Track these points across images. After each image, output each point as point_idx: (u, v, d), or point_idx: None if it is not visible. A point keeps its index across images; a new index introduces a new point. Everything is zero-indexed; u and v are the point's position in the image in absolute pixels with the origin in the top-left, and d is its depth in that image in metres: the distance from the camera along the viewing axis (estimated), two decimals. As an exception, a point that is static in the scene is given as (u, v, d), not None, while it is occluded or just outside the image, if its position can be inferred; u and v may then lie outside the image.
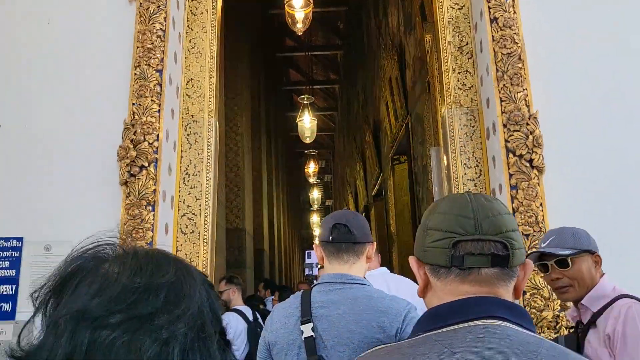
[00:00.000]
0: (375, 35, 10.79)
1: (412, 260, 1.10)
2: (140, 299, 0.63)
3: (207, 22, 3.79)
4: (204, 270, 3.37)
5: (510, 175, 3.17)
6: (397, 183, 9.19)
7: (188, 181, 3.54)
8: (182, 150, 3.58)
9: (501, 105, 3.26)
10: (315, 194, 23.23)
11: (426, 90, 6.32)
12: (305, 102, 11.08)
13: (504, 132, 3.22)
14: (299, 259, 28.68)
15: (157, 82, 3.31)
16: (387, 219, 10.09)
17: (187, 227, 3.48)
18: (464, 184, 3.50)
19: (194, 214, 3.50)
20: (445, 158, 3.75)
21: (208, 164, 3.57)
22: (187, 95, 3.68)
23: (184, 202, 3.51)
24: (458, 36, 3.71)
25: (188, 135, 3.61)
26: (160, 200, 3.20)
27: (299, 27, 5.93)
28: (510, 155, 3.18)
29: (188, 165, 3.56)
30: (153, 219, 3.13)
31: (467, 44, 3.70)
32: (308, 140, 11.49)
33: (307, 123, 10.89)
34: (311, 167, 17.19)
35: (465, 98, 3.63)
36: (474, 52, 3.67)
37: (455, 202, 1.05)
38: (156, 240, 3.09)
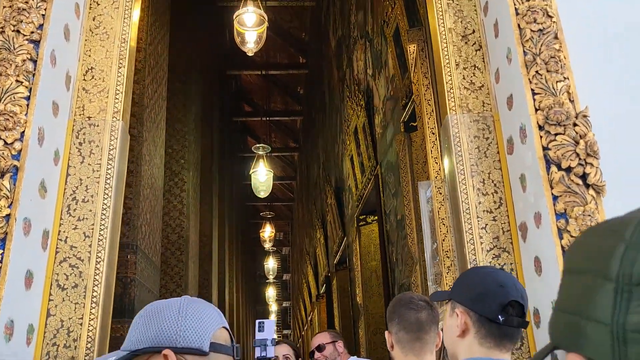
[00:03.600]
0: (338, 89, 10.01)
1: None
2: None
3: (119, -7, 2.74)
4: (89, 347, 2.14)
5: (555, 199, 2.13)
6: (364, 247, 8.09)
7: (75, 210, 2.37)
8: (69, 166, 2.43)
9: (534, 99, 2.27)
10: (272, 264, 21.70)
11: (401, 130, 5.38)
12: (260, 153, 10.01)
13: (542, 137, 2.21)
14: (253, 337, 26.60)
15: (28, 56, 2.20)
16: (352, 288, 8.90)
17: (67, 279, 2.28)
18: (478, 217, 2.44)
19: (79, 259, 2.31)
20: (448, 184, 2.71)
21: (107, 187, 2.42)
22: (83, 89, 2.57)
23: (65, 241, 2.32)
24: (461, 22, 2.76)
25: (81, 144, 2.47)
26: (17, 232, 2.01)
27: (250, 48, 4.98)
28: (553, 169, 2.15)
29: (77, 188, 2.40)
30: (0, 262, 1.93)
31: (473, 32, 2.75)
32: (262, 195, 10.33)
33: (261, 176, 9.77)
34: (267, 231, 15.86)
35: (475, 101, 2.64)
36: (483, 41, 2.72)
37: None
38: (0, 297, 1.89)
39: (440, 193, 3.40)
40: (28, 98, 2.15)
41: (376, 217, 7.57)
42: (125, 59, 2.64)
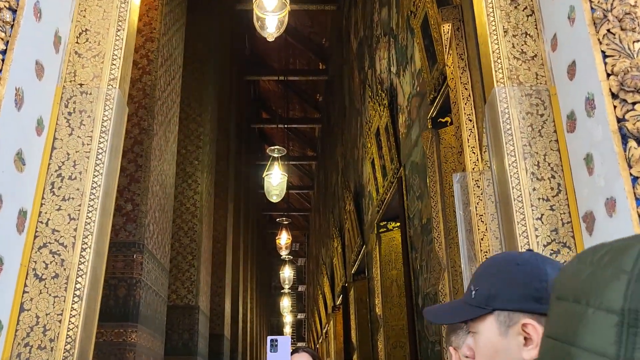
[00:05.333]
0: (360, 92, 9.67)
1: None
2: None
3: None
4: (68, 349, 1.79)
5: (635, 180, 1.74)
6: (384, 255, 7.69)
7: (60, 189, 2.03)
8: (55, 138, 2.09)
9: (605, 63, 1.89)
10: (287, 272, 21.23)
11: (428, 126, 5.01)
12: (275, 155, 9.63)
13: (616, 107, 1.82)
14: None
15: (6, 4, 1.88)
16: (371, 299, 8.49)
17: (46, 268, 1.93)
18: (533, 206, 2.06)
19: (62, 245, 1.96)
20: (494, 169, 2.32)
21: (99, 163, 2.08)
22: (75, 53, 2.24)
23: (46, 224, 1.98)
24: (510, -16, 2.40)
25: (70, 113, 2.14)
26: (-16, 207, 1.68)
27: (270, 33, 4.64)
28: (632, 144, 1.77)
29: (63, 163, 2.07)
30: (-41, 241, 1.59)
31: (524, -5, 2.38)
32: (275, 199, 9.92)
33: (275, 179, 9.37)
34: (283, 238, 15.44)
35: (527, 73, 2.26)
36: (535, 6, 2.35)
37: None
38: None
39: (479, 186, 3.01)
40: (4, 52, 1.82)
41: (398, 224, 7.19)
42: (125, 22, 2.31)
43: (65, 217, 2.00)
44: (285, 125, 17.21)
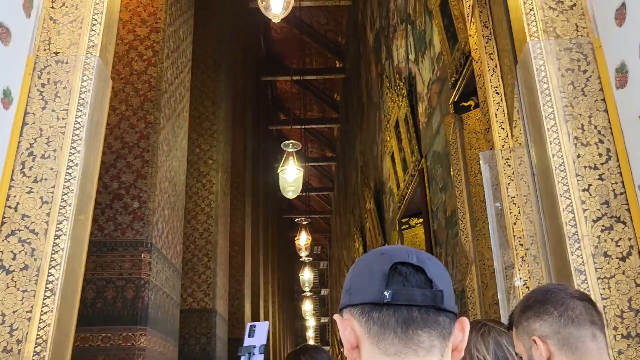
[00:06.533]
0: (377, 85, 9.38)
1: None
2: None
3: None
4: (39, 351, 1.53)
5: None
6: (406, 252, 7.36)
7: (31, 169, 1.79)
8: (27, 113, 1.85)
9: (664, -1, 1.58)
10: (307, 275, 20.90)
11: (450, 111, 4.70)
12: (290, 150, 9.35)
13: (679, 49, 1.51)
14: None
15: (-38, -45, 1.64)
16: (394, 299, 8.14)
17: (14, 259, 1.68)
18: (578, 176, 1.75)
19: (33, 232, 1.71)
20: (529, 135, 2.02)
21: (75, 139, 1.82)
22: (50, 19, 1.99)
23: (15, 209, 1.73)
24: None
25: (43, 85, 1.89)
26: None
27: (275, 14, 4.35)
28: (702, 91, 1.45)
29: (35, 140, 1.82)
30: None
31: (558, -62, 2.08)
32: (291, 195, 9.64)
33: (290, 175, 9.08)
34: (302, 239, 15.13)
35: (565, 25, 1.95)
36: (573, -51, 2.04)
37: None
38: None
39: (509, 165, 2.70)
40: (-41, 9, 1.58)
41: (420, 220, 6.88)
42: (107, -16, 2.05)
43: (37, 200, 1.75)
44: (303, 126, 16.94)
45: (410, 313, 0.73)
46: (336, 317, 0.80)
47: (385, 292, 0.73)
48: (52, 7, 2.01)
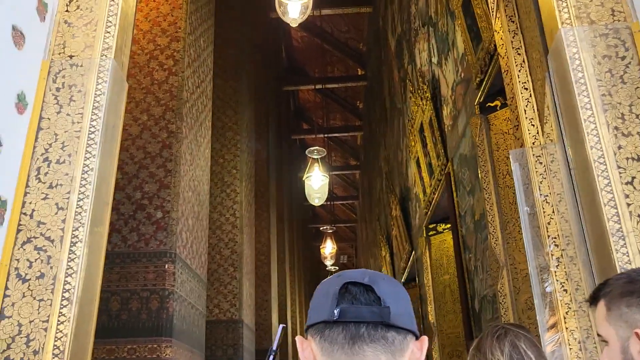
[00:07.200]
0: (400, 90, 9.28)
1: None
2: None
3: None
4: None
5: None
6: (434, 259, 7.24)
7: (46, 174, 1.74)
8: (42, 118, 1.81)
9: None
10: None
11: (476, 112, 4.58)
12: (314, 157, 9.28)
13: None
14: None
15: (-28, -42, 1.60)
16: (423, 307, 8.00)
17: (30, 267, 1.63)
18: (620, 168, 1.64)
19: (49, 239, 1.66)
20: (564, 128, 1.91)
21: (91, 143, 1.77)
22: (65, 22, 1.96)
23: (31, 216, 1.68)
24: None
25: (58, 89, 1.85)
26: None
27: (293, 19, 4.30)
28: None
29: (50, 145, 1.77)
30: None
31: None
32: (317, 202, 9.57)
33: (316, 182, 9.00)
34: (328, 247, 15.00)
35: (599, 9, 1.85)
36: None
37: None
38: None
39: (541, 163, 2.58)
40: (-31, 12, 1.54)
41: (448, 225, 6.74)
42: (122, -15, 2.01)
43: (53, 206, 1.70)
44: (326, 135, 16.88)
45: (357, 329, 0.77)
46: (298, 338, 0.84)
47: (335, 310, 0.77)
48: (67, 11, 1.97)
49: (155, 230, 4.44)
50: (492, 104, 4.51)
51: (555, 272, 2.44)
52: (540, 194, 2.59)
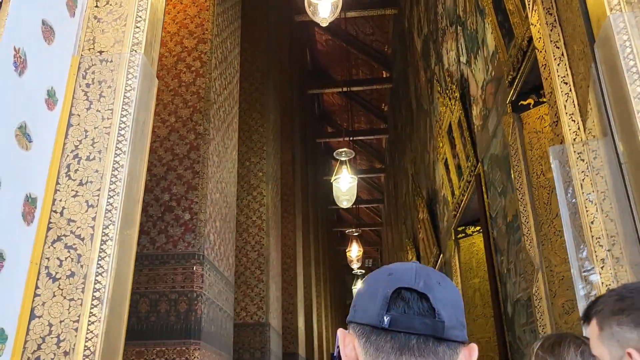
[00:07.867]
0: (427, 92, 9.17)
1: None
2: None
3: None
4: (87, 361, 1.43)
5: None
6: (464, 262, 7.10)
7: (77, 171, 1.70)
8: (72, 114, 1.77)
9: None
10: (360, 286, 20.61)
11: (508, 111, 4.46)
12: (342, 159, 9.21)
13: None
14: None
15: (2, -49, 1.58)
16: (452, 311, 7.85)
17: (60, 266, 1.59)
18: (676, 161, 1.54)
19: (79, 237, 1.62)
20: (614, 119, 1.81)
21: (121, 139, 1.74)
22: (95, 17, 1.93)
23: (61, 214, 1.64)
24: None
25: (88, 85, 1.82)
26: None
27: (323, 18, 4.24)
28: None
29: (80, 142, 1.74)
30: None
31: None
32: (345, 205, 9.50)
33: (344, 184, 8.93)
34: (354, 251, 14.91)
35: (650, -6, 1.75)
36: None
37: None
38: None
39: (583, 160, 2.48)
40: (-1, 6, 1.52)
41: (478, 228, 6.62)
42: (152, -20, 1.98)
43: (83, 204, 1.66)
44: (351, 138, 16.82)
45: (407, 341, 0.74)
46: (340, 330, 0.82)
47: (385, 317, 0.74)
48: (97, 7, 1.94)
49: (183, 232, 4.42)
50: (524, 102, 4.39)
51: (600, 274, 2.33)
52: (583, 192, 2.49)
